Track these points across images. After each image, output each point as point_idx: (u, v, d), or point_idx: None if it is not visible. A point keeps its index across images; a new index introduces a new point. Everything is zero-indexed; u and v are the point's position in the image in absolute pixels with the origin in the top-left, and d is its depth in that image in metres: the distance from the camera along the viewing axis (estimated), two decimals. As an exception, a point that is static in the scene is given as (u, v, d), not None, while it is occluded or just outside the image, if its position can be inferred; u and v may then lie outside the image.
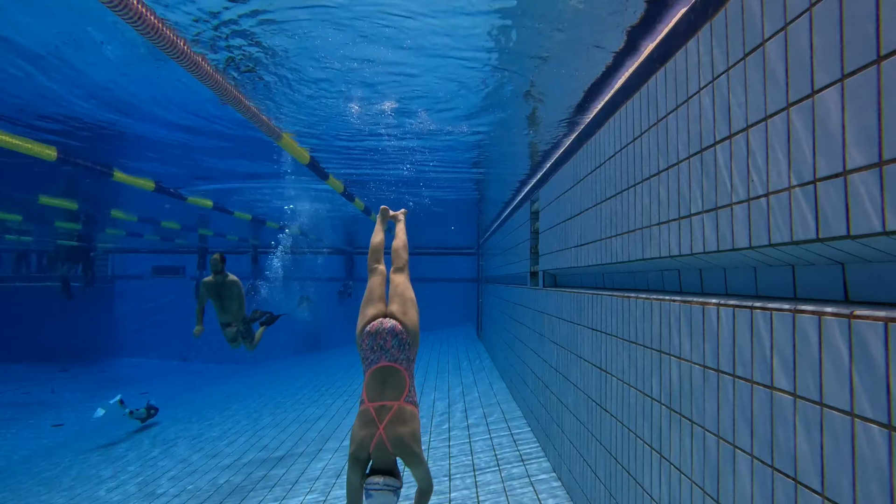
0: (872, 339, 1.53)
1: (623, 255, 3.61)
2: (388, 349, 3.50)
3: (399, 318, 3.64)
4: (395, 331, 3.55)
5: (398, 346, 3.53)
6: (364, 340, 3.57)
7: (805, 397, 1.79)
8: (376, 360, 3.48)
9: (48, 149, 6.63)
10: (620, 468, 3.59)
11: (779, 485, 1.91)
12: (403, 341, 3.55)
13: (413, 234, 19.02)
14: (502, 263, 11.23)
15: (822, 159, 1.72)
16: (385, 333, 3.53)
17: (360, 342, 3.60)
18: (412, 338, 3.63)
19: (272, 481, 6.47)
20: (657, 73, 3.07)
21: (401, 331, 3.57)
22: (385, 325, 3.57)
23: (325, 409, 10.44)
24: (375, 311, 3.66)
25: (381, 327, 3.56)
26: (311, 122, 6.02)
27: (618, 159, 3.74)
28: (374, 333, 3.54)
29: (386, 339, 3.52)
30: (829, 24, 1.69)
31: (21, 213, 13.05)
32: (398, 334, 3.55)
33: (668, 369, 2.86)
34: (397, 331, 3.56)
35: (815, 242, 1.77)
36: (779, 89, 1.93)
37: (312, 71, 4.57)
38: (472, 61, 4.31)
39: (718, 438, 2.32)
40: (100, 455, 9.32)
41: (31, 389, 17.62)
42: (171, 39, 3.56)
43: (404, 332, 3.58)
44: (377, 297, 3.75)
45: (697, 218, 2.55)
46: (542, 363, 6.45)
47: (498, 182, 9.34)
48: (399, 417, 3.33)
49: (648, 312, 3.15)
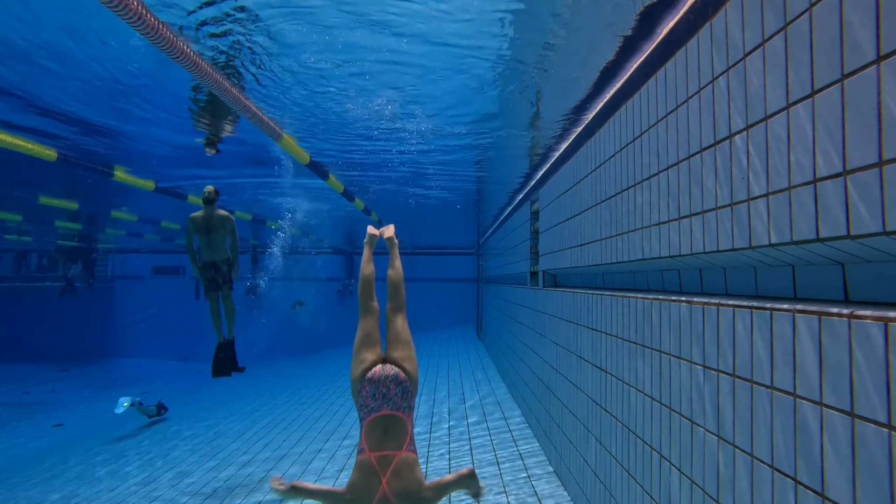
0: (872, 339, 1.53)
1: (623, 255, 3.61)
2: (390, 397, 3.34)
3: (401, 364, 3.47)
4: (399, 378, 3.40)
5: (401, 395, 3.37)
6: (364, 388, 3.39)
7: (806, 397, 1.79)
8: (377, 409, 3.31)
9: (48, 149, 6.64)
10: (620, 468, 3.59)
11: (779, 485, 1.91)
12: (407, 389, 3.40)
13: (413, 234, 19.00)
14: (502, 263, 11.23)
15: (822, 159, 1.72)
16: (388, 381, 3.37)
17: (359, 389, 3.42)
18: (414, 385, 3.48)
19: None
20: (657, 72, 3.07)
21: (404, 378, 3.41)
22: (388, 372, 3.41)
23: (325, 408, 10.44)
24: (374, 357, 3.49)
25: (384, 374, 3.40)
26: (309, 121, 6.00)
27: (618, 159, 3.74)
28: (376, 381, 3.37)
29: (389, 386, 3.36)
30: (829, 24, 1.69)
31: (21, 213, 13.06)
32: (402, 382, 3.39)
33: (668, 369, 2.86)
34: (401, 378, 3.40)
35: (815, 242, 1.77)
36: (778, 89, 1.93)
37: (309, 63, 4.51)
38: (475, 51, 4.23)
39: (718, 438, 2.32)
40: (102, 454, 9.32)
41: (31, 389, 17.62)
42: (170, 39, 3.56)
43: (407, 380, 3.43)
44: (374, 339, 3.57)
45: (697, 218, 2.55)
46: (542, 363, 6.45)
47: (498, 182, 9.35)
48: (402, 468, 3.20)
49: (648, 312, 3.15)
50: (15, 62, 4.69)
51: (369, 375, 3.39)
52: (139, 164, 8.33)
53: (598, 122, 4.47)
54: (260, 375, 17.02)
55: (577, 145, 5.09)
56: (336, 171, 8.67)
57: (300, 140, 6.71)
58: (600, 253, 4.13)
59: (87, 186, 10.19)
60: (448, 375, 11.90)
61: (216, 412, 11.71)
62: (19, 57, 4.57)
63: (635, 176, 3.38)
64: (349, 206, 12.14)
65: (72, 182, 9.84)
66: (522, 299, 8.25)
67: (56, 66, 4.70)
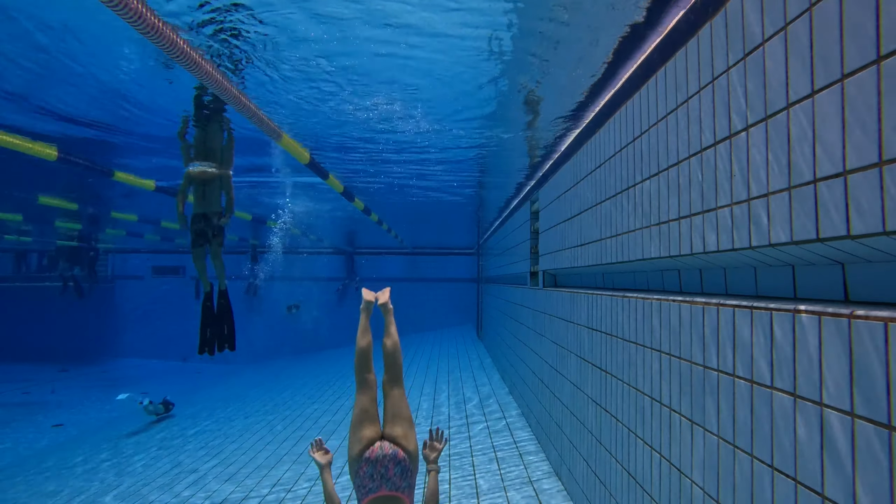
0: (872, 339, 1.53)
1: (623, 255, 3.61)
2: (389, 477, 3.23)
3: (400, 442, 3.36)
4: (398, 458, 3.28)
5: (400, 474, 3.26)
6: (362, 468, 3.28)
7: (805, 397, 1.79)
8: (375, 489, 3.19)
9: (48, 148, 6.63)
10: (620, 468, 3.59)
11: (779, 485, 1.91)
12: (406, 468, 3.29)
13: (413, 234, 18.96)
14: (502, 263, 11.23)
15: (821, 159, 1.72)
16: (386, 461, 3.26)
17: (357, 469, 3.30)
18: (414, 464, 3.36)
19: (272, 480, 6.47)
20: (658, 72, 3.07)
21: (403, 457, 3.31)
22: (386, 451, 3.29)
23: (326, 408, 10.44)
24: (372, 434, 3.37)
25: (382, 454, 3.28)
26: (306, 121, 5.98)
27: (618, 158, 3.74)
28: (373, 461, 3.26)
29: (388, 466, 3.26)
30: (828, 24, 1.69)
31: (21, 212, 13.06)
32: (401, 461, 3.29)
33: (668, 369, 2.86)
34: (399, 458, 3.29)
35: (815, 242, 1.77)
36: (779, 89, 1.93)
37: (303, 63, 4.49)
38: (474, 43, 4.19)
39: (718, 438, 2.32)
40: (105, 454, 9.33)
41: (31, 389, 17.62)
42: (171, 39, 3.56)
43: (406, 459, 3.32)
44: (372, 415, 3.45)
45: (698, 218, 2.55)
46: (542, 363, 6.45)
47: (498, 181, 9.34)
48: None
49: (648, 312, 3.15)
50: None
51: (367, 455, 3.30)
52: (138, 162, 8.34)
53: (598, 122, 4.47)
54: (260, 376, 17.03)
55: (578, 145, 5.09)
56: (335, 171, 8.67)
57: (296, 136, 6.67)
58: (600, 253, 4.13)
59: (88, 186, 10.20)
60: (448, 376, 11.90)
61: (216, 412, 11.71)
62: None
63: (635, 176, 3.38)
64: (349, 206, 12.13)
65: (71, 182, 9.84)
66: (522, 299, 8.25)
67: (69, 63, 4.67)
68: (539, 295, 6.79)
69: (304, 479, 6.42)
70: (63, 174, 8.95)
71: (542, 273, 6.63)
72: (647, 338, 3.17)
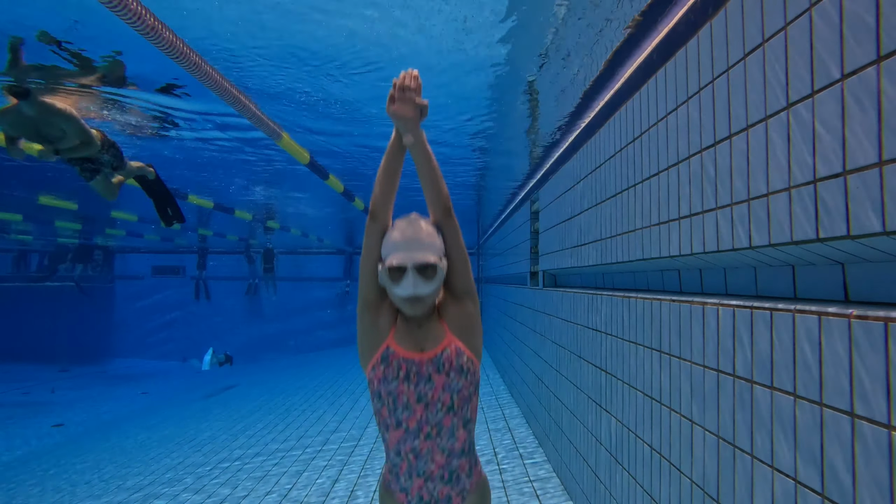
0: (873, 338, 1.53)
1: (623, 255, 3.61)
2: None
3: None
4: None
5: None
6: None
7: (805, 397, 1.79)
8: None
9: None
10: (620, 468, 3.59)
11: (779, 485, 1.91)
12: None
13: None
14: (502, 263, 11.24)
15: (821, 159, 1.72)
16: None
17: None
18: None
19: (273, 479, 6.47)
20: (658, 71, 3.07)
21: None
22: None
23: (326, 408, 10.44)
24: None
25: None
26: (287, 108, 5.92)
27: (618, 158, 3.74)
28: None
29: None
30: (828, 24, 1.69)
31: (21, 212, 13.06)
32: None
33: (668, 369, 2.87)
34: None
35: (815, 242, 1.77)
36: (778, 89, 1.93)
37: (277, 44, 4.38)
38: (475, 47, 4.18)
39: (718, 439, 2.32)
40: (105, 453, 9.33)
41: (31, 389, 17.62)
42: (170, 40, 3.56)
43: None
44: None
45: (697, 218, 2.55)
46: (542, 363, 6.45)
47: (498, 181, 9.34)
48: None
49: (648, 312, 3.15)
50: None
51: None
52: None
53: (598, 122, 4.47)
54: (260, 375, 17.03)
55: (578, 145, 5.09)
56: (334, 170, 8.66)
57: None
58: (600, 253, 4.13)
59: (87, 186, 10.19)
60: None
61: (217, 411, 11.72)
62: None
63: (635, 176, 3.38)
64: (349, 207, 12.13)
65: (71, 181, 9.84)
66: (522, 299, 8.25)
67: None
68: (539, 295, 6.79)
69: (309, 470, 6.42)
70: (64, 175, 8.95)
71: (542, 273, 6.63)
72: (646, 338, 3.17)
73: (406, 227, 2.10)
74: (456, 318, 2.18)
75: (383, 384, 2.11)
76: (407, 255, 2.02)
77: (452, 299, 2.20)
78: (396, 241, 2.07)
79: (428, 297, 2.06)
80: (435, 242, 2.11)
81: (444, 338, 2.14)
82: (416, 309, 2.07)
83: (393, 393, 2.10)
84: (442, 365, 2.10)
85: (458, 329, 2.17)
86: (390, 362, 2.11)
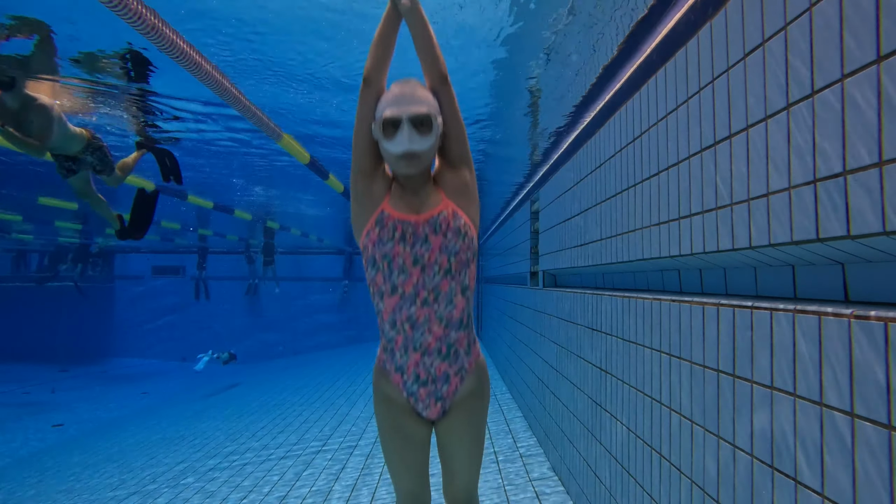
0: (873, 338, 1.53)
1: (623, 255, 3.61)
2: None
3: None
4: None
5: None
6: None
7: (805, 397, 1.79)
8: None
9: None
10: (621, 468, 3.59)
11: (779, 486, 1.91)
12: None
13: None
14: (502, 263, 11.24)
15: (821, 159, 1.72)
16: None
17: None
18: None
19: (274, 479, 6.47)
20: (658, 71, 3.07)
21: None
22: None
23: (325, 409, 10.44)
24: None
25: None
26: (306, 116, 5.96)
27: (618, 158, 3.74)
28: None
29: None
30: (828, 24, 1.69)
31: (21, 213, 13.06)
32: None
33: (668, 369, 2.87)
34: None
35: (815, 242, 1.77)
36: (778, 89, 1.93)
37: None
38: (475, 45, 4.23)
39: (718, 439, 2.32)
40: (106, 453, 9.33)
41: (31, 389, 17.62)
42: (170, 39, 3.56)
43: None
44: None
45: (697, 218, 2.55)
46: (542, 363, 6.45)
47: (497, 181, 9.34)
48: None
49: (648, 312, 3.15)
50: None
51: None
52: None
53: (598, 122, 4.47)
54: (261, 375, 17.03)
55: (578, 145, 5.09)
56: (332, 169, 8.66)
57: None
58: (600, 253, 4.13)
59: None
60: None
61: (216, 411, 11.72)
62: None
63: (635, 176, 3.38)
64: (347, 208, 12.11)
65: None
66: (522, 299, 8.25)
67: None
68: (539, 295, 6.79)
69: (306, 474, 6.42)
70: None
71: (542, 273, 6.63)
72: (646, 338, 3.17)
73: (402, 84, 2.07)
74: (453, 184, 2.14)
75: (378, 247, 2.05)
76: (402, 108, 1.98)
77: (449, 167, 2.16)
78: (390, 97, 2.03)
79: (423, 155, 2.01)
80: (430, 99, 2.07)
81: (441, 202, 2.10)
82: (411, 167, 2.01)
83: (388, 255, 2.03)
84: (439, 226, 2.05)
85: (454, 194, 2.13)
86: (385, 224, 2.04)
